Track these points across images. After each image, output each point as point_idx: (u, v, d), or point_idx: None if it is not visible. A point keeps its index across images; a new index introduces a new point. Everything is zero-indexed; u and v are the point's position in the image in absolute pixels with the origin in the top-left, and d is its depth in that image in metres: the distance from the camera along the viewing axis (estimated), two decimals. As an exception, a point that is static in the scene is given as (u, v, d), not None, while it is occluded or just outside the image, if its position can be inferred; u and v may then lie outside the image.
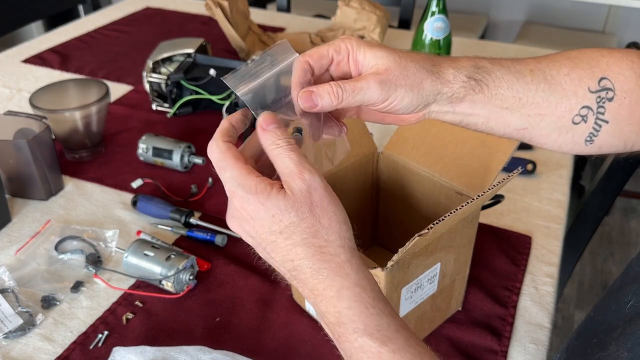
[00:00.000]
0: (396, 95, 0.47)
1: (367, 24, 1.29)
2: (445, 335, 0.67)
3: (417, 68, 0.48)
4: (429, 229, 0.49)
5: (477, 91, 0.49)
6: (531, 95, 0.50)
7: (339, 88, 0.46)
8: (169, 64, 1.15)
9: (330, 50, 0.48)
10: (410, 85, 0.47)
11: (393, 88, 0.47)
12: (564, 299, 1.92)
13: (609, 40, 2.53)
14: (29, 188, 0.88)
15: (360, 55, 0.48)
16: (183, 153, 0.94)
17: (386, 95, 0.47)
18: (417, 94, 0.48)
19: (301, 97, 0.46)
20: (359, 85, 0.46)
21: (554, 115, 0.50)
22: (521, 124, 0.51)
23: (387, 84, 0.46)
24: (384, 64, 0.47)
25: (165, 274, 0.70)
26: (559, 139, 0.52)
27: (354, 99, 0.46)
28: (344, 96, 0.46)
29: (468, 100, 0.49)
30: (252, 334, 0.67)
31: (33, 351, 0.65)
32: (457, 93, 0.49)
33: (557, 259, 0.79)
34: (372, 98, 0.47)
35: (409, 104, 0.48)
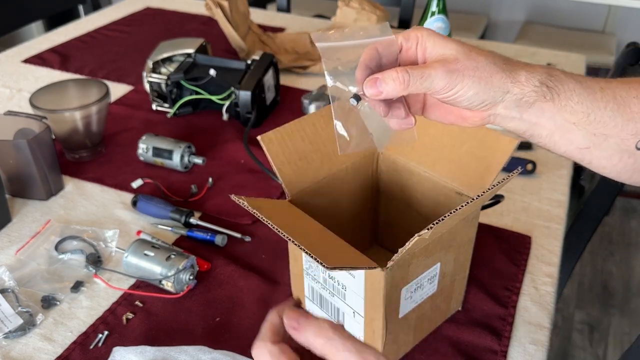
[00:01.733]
0: (462, 85, 0.46)
1: (367, 24, 1.29)
2: (445, 335, 0.67)
3: (487, 62, 0.47)
4: (429, 229, 0.49)
5: (548, 99, 0.48)
6: (599, 112, 0.48)
7: (405, 73, 0.45)
8: (169, 64, 1.15)
9: (399, 38, 0.48)
10: (478, 78, 0.46)
11: (460, 77, 0.46)
12: (564, 299, 1.92)
13: (608, 40, 2.54)
14: (29, 188, 0.88)
15: (429, 44, 0.47)
16: (183, 153, 0.94)
17: (452, 83, 0.46)
18: (484, 88, 0.47)
19: (366, 85, 0.46)
20: (427, 72, 0.46)
21: (618, 137, 0.49)
22: (585, 143, 0.49)
23: (455, 72, 0.46)
24: (453, 54, 0.47)
25: (165, 274, 0.70)
26: (619, 164, 0.50)
27: (421, 85, 0.46)
28: (411, 82, 0.45)
29: (537, 107, 0.48)
30: (252, 334, 0.66)
31: (33, 351, 0.65)
32: (528, 97, 0.48)
33: (557, 259, 0.79)
34: (438, 85, 0.46)
35: (474, 97, 0.47)
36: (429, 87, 0.46)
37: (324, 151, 0.66)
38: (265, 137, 0.61)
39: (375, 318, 0.57)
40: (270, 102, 1.12)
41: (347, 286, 0.59)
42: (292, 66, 1.29)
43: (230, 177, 0.94)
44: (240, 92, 1.03)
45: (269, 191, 0.91)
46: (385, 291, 0.54)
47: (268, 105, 1.11)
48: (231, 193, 0.70)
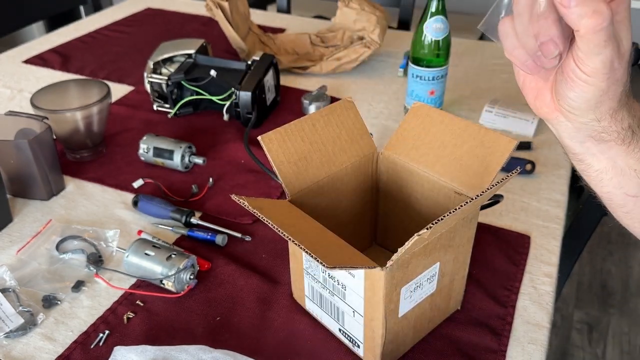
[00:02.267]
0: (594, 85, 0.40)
1: (366, 25, 1.29)
2: (445, 334, 0.67)
3: (619, 85, 0.41)
4: (428, 229, 0.49)
5: (626, 143, 0.44)
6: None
7: (608, 17, 0.36)
8: (169, 64, 1.16)
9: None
10: (604, 94, 0.41)
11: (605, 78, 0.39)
12: (563, 298, 1.92)
13: (608, 40, 2.54)
14: (30, 188, 0.88)
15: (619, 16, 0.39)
16: (184, 153, 0.94)
17: (598, 75, 0.39)
18: (595, 104, 0.42)
19: None
20: (609, 42, 0.38)
21: None
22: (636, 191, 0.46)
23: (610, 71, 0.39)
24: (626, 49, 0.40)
25: (166, 273, 0.70)
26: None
27: (590, 46, 0.38)
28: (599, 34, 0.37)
29: (607, 145, 0.44)
30: (253, 333, 0.67)
31: (34, 350, 0.66)
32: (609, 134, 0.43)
33: (556, 258, 0.79)
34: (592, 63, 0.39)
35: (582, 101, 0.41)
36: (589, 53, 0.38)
37: (324, 151, 0.66)
38: (265, 137, 0.61)
39: (374, 317, 0.58)
40: (271, 102, 1.13)
41: (347, 285, 0.59)
42: (292, 67, 1.30)
43: (230, 177, 0.95)
44: (240, 93, 1.03)
45: (269, 191, 0.91)
46: (384, 290, 0.55)
47: (268, 105, 1.11)
48: (231, 193, 0.70)
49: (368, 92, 1.22)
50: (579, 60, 0.39)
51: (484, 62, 1.36)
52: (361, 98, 1.19)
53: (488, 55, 1.40)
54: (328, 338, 0.66)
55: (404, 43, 1.44)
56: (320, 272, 0.62)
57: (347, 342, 0.64)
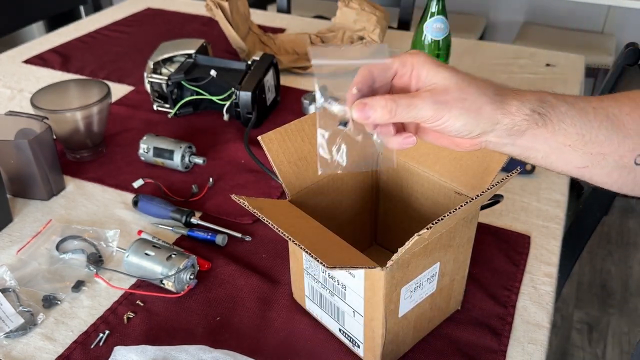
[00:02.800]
0: (450, 116, 0.47)
1: (366, 25, 1.29)
2: (445, 334, 0.67)
3: (478, 94, 0.47)
4: (429, 229, 0.49)
5: (540, 125, 0.48)
6: (594, 132, 0.49)
7: (393, 103, 0.46)
8: (169, 64, 1.16)
9: (396, 63, 0.49)
10: (467, 109, 0.47)
11: (447, 109, 0.46)
12: (563, 298, 1.92)
13: (607, 40, 2.54)
14: (30, 188, 0.88)
15: (423, 72, 0.48)
16: (184, 153, 0.94)
17: (439, 114, 0.47)
18: (473, 119, 0.47)
19: (355, 108, 0.47)
20: (414, 102, 0.46)
21: (616, 155, 0.49)
22: (582, 162, 0.50)
23: (442, 104, 0.46)
24: (444, 84, 0.47)
25: (166, 273, 0.70)
26: (619, 180, 0.51)
27: (408, 115, 0.47)
28: (397, 111, 0.46)
29: (530, 134, 0.48)
30: (253, 333, 0.67)
31: (34, 350, 0.66)
32: (519, 125, 0.48)
33: (556, 258, 0.79)
34: (425, 116, 0.47)
35: (462, 128, 0.48)
36: (416, 116, 0.47)
37: (324, 151, 0.66)
38: (265, 137, 0.61)
39: (375, 317, 0.58)
40: (271, 102, 1.13)
41: (347, 285, 0.59)
42: (292, 67, 1.30)
43: (230, 177, 0.95)
44: (240, 93, 1.03)
45: (269, 191, 0.91)
46: (385, 290, 0.55)
47: (268, 105, 1.11)
48: (232, 193, 0.70)
49: (368, 92, 1.22)
50: (420, 123, 0.48)
51: (484, 62, 1.36)
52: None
53: (488, 55, 1.40)
54: (328, 338, 0.66)
55: (404, 43, 1.44)
56: (320, 272, 0.62)
57: (347, 342, 0.64)
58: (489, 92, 0.48)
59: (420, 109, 0.46)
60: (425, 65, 0.48)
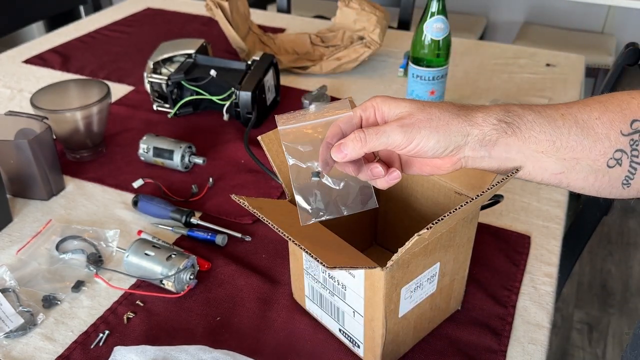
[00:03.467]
0: (421, 137, 0.49)
1: (366, 25, 1.29)
2: (445, 334, 0.67)
3: (441, 112, 0.50)
4: (429, 229, 0.49)
5: (510, 134, 0.50)
6: (564, 138, 0.50)
7: (361, 132, 0.49)
8: (169, 64, 1.16)
9: (358, 111, 0.52)
10: (435, 127, 0.49)
11: (416, 130, 0.49)
12: (563, 298, 1.92)
13: (607, 40, 2.54)
14: (30, 188, 0.88)
15: (385, 108, 0.51)
16: (184, 153, 0.94)
17: (410, 137, 0.49)
18: (443, 135, 0.49)
19: (333, 152, 0.50)
20: (382, 129, 0.49)
21: (588, 159, 0.50)
22: (558, 168, 0.51)
23: (410, 126, 0.49)
24: (407, 111, 0.50)
25: (166, 273, 0.70)
26: (595, 183, 0.52)
27: (378, 141, 0.49)
28: (368, 139, 0.49)
29: (502, 144, 0.50)
30: (253, 334, 0.67)
31: (34, 350, 0.66)
32: (489, 135, 0.50)
33: (556, 258, 0.79)
34: (396, 140, 0.49)
35: (436, 145, 0.49)
36: (387, 142, 0.49)
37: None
38: (265, 137, 0.61)
39: (375, 317, 0.58)
40: (271, 102, 1.13)
41: (347, 286, 0.59)
42: (292, 66, 1.30)
43: (230, 177, 0.95)
44: (240, 93, 1.03)
45: (269, 191, 0.91)
46: (385, 291, 0.55)
47: (268, 105, 1.11)
48: (231, 193, 0.70)
49: (368, 92, 1.22)
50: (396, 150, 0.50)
51: (484, 62, 1.36)
52: (361, 98, 1.19)
53: (488, 55, 1.40)
54: (328, 338, 0.66)
55: (404, 43, 1.44)
56: (320, 272, 0.62)
57: (347, 343, 0.64)
58: (452, 110, 0.50)
59: (389, 134, 0.49)
60: (386, 102, 0.51)
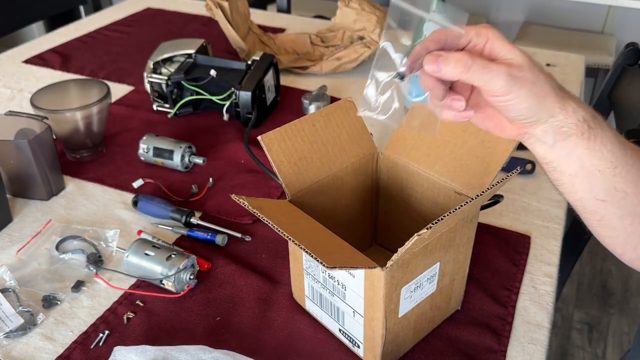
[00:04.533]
0: (519, 94, 0.46)
1: (366, 25, 1.29)
2: (445, 334, 0.67)
3: (546, 82, 0.48)
4: (429, 229, 0.49)
5: (585, 137, 0.48)
6: (626, 168, 0.49)
7: (469, 59, 0.45)
8: (169, 64, 1.16)
9: (471, 33, 0.48)
10: (535, 93, 0.47)
11: (519, 86, 0.46)
12: (563, 298, 1.92)
13: (608, 40, 2.54)
14: (30, 188, 0.88)
15: (497, 45, 0.47)
16: (184, 153, 0.94)
17: (510, 89, 0.46)
18: (536, 105, 0.47)
19: (427, 58, 0.46)
20: (490, 66, 0.46)
21: (636, 198, 0.50)
22: (604, 194, 0.50)
23: (516, 80, 0.46)
24: (519, 61, 0.47)
25: (166, 273, 0.70)
26: (630, 227, 0.51)
27: (481, 77, 0.46)
28: (472, 69, 0.45)
29: (572, 142, 0.49)
30: (253, 333, 0.67)
31: (34, 350, 0.65)
32: (568, 127, 0.48)
33: (556, 258, 0.79)
34: (496, 85, 0.46)
35: (524, 110, 0.47)
36: (488, 82, 0.46)
37: (324, 151, 0.66)
38: (265, 137, 0.61)
39: (375, 317, 0.58)
40: (271, 102, 1.13)
41: (347, 285, 0.59)
42: (292, 66, 1.29)
43: (230, 177, 0.95)
44: (240, 93, 1.03)
45: (269, 191, 0.91)
46: (385, 290, 0.55)
47: (268, 105, 1.11)
48: (231, 193, 0.70)
49: (368, 92, 1.22)
50: (486, 92, 0.47)
51: (484, 62, 1.36)
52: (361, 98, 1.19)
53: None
54: (328, 338, 0.66)
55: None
56: (320, 272, 0.62)
57: (347, 343, 0.64)
58: (554, 85, 0.48)
59: (494, 75, 0.45)
60: (499, 40, 0.47)
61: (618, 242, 0.53)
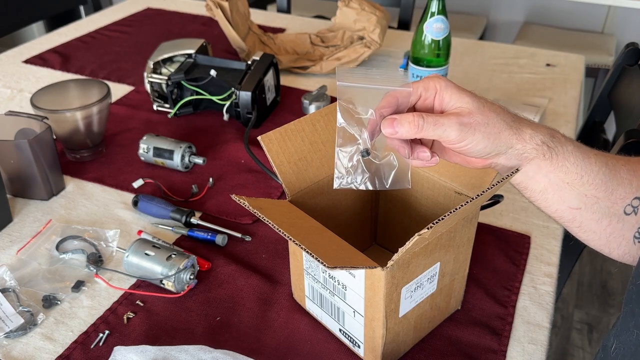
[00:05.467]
0: (473, 139, 0.49)
1: (366, 25, 1.29)
2: (445, 334, 0.67)
3: (497, 119, 0.51)
4: (429, 229, 0.49)
5: (547, 157, 0.51)
6: (592, 175, 0.52)
7: (420, 119, 0.49)
8: (169, 64, 1.16)
9: (419, 88, 0.51)
10: (488, 133, 0.50)
11: (472, 131, 0.49)
12: (563, 298, 1.92)
13: (607, 40, 2.54)
14: (30, 188, 0.88)
15: (446, 95, 0.51)
16: (184, 153, 0.94)
17: (464, 136, 0.49)
18: (492, 142, 0.50)
19: (384, 124, 0.50)
20: (441, 121, 0.49)
21: (608, 200, 0.52)
22: (576, 203, 0.53)
23: (467, 126, 0.49)
24: (468, 108, 0.50)
25: (166, 273, 0.70)
26: (608, 228, 0.53)
27: (434, 132, 0.49)
28: (425, 127, 0.49)
29: (535, 164, 0.52)
30: (253, 333, 0.67)
31: (34, 350, 0.65)
32: (528, 153, 0.51)
33: (556, 258, 0.79)
34: (450, 136, 0.49)
35: (482, 150, 0.51)
36: (441, 135, 0.49)
37: (324, 151, 0.66)
38: (265, 137, 0.61)
39: (375, 317, 0.58)
40: (271, 102, 1.13)
41: (348, 285, 0.59)
42: (292, 67, 1.30)
43: (230, 177, 0.95)
44: (240, 93, 1.03)
45: (269, 191, 0.91)
46: (385, 290, 0.55)
47: (268, 105, 1.11)
48: (232, 193, 0.70)
49: (368, 92, 1.22)
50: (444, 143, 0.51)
51: (484, 62, 1.36)
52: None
53: (488, 55, 1.40)
54: (328, 338, 0.66)
55: (404, 43, 1.44)
56: (320, 272, 0.62)
57: (348, 343, 0.64)
58: (507, 119, 0.51)
59: (446, 127, 0.49)
60: (448, 89, 0.51)
61: (602, 243, 0.55)
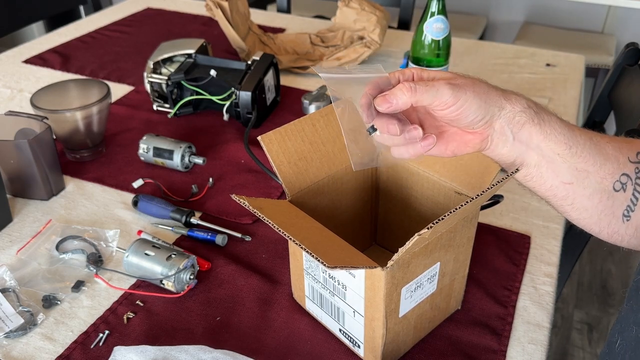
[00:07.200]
0: (466, 98, 0.49)
1: (366, 25, 1.29)
2: (445, 334, 0.67)
3: (481, 83, 0.52)
4: (429, 229, 0.49)
5: (536, 122, 0.52)
6: (580, 147, 0.52)
7: (411, 83, 0.49)
8: (169, 64, 1.16)
9: (396, 74, 0.52)
10: (478, 92, 0.50)
11: (463, 91, 0.49)
12: (563, 298, 1.92)
13: (607, 40, 2.54)
14: (30, 188, 0.88)
15: (424, 72, 0.52)
16: (184, 153, 0.94)
17: (457, 95, 0.49)
18: (485, 102, 0.50)
19: (377, 102, 0.50)
20: (432, 83, 0.49)
21: (597, 175, 0.52)
22: (569, 177, 0.53)
23: (458, 86, 0.49)
24: (450, 75, 0.51)
25: (166, 273, 0.70)
26: (599, 205, 0.53)
27: (427, 94, 0.49)
28: (419, 90, 0.49)
29: (527, 130, 0.52)
30: (253, 333, 0.67)
31: (34, 350, 0.65)
32: (520, 116, 0.51)
33: (556, 258, 0.79)
34: (444, 96, 0.49)
35: (477, 111, 0.50)
36: (435, 95, 0.49)
37: (324, 151, 0.66)
38: (265, 137, 0.61)
39: (375, 317, 0.58)
40: (271, 102, 1.13)
41: (348, 285, 0.59)
42: (292, 66, 1.29)
43: (230, 177, 0.95)
44: (240, 93, 1.03)
45: (269, 191, 0.91)
46: (385, 290, 0.55)
47: (268, 105, 1.11)
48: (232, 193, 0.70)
49: (368, 92, 1.22)
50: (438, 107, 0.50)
51: (484, 62, 1.36)
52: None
53: (488, 55, 1.40)
54: (328, 338, 0.66)
55: (404, 43, 1.44)
56: (320, 272, 0.62)
57: (348, 343, 0.64)
58: (487, 83, 0.52)
59: (438, 88, 0.49)
60: (425, 71, 0.53)
61: (593, 222, 0.55)
